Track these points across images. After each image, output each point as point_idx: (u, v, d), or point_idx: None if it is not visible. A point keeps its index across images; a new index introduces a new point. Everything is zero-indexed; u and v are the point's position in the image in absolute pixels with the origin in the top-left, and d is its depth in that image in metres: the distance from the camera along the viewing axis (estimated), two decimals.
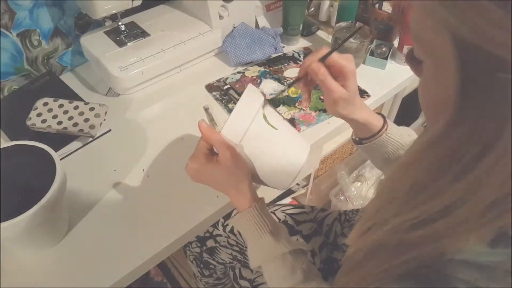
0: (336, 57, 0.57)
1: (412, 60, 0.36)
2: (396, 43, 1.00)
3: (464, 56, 0.28)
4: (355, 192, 1.46)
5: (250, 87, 0.60)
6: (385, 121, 0.63)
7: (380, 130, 0.62)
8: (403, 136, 0.63)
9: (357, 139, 0.67)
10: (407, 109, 1.54)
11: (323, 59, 0.57)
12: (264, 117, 0.58)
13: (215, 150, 0.57)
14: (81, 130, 0.75)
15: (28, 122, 0.76)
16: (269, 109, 0.60)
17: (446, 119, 0.30)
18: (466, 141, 0.29)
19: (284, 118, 0.62)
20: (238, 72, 0.96)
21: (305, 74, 0.60)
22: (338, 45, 0.60)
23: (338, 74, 0.58)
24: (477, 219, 0.30)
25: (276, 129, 0.59)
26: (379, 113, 0.64)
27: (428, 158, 0.33)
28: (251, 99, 0.58)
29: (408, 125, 1.79)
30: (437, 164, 0.32)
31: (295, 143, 0.62)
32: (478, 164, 0.28)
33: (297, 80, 0.61)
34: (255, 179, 0.61)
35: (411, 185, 0.34)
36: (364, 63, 0.98)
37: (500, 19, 0.25)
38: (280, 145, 0.60)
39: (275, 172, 0.61)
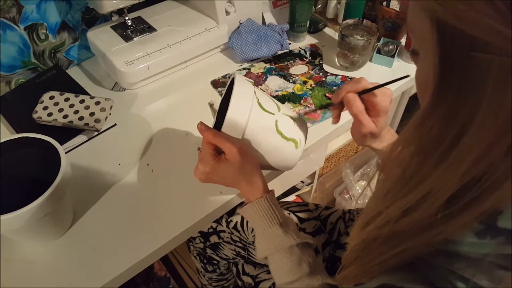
0: (373, 91, 0.57)
1: (412, 54, 0.38)
2: (403, 41, 1.00)
3: (442, 37, 0.30)
4: (359, 191, 1.45)
5: (238, 77, 0.60)
6: None
7: None
8: None
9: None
10: (414, 109, 1.53)
11: (360, 93, 0.57)
12: (259, 104, 0.58)
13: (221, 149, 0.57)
14: (87, 124, 0.75)
15: (34, 115, 0.76)
16: (260, 95, 0.60)
17: (428, 100, 0.32)
18: (445, 121, 0.31)
19: (273, 98, 0.64)
20: (244, 69, 0.96)
21: (339, 101, 0.60)
22: (379, 86, 0.57)
23: (371, 108, 0.58)
24: (455, 204, 0.31)
25: (273, 114, 0.59)
26: None
27: (414, 141, 0.34)
28: (244, 90, 0.58)
29: None
30: (423, 147, 0.33)
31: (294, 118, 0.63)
32: (456, 146, 0.30)
33: (329, 105, 0.61)
34: (264, 166, 0.62)
35: (401, 173, 0.35)
36: (371, 60, 0.97)
37: (475, 2, 0.27)
38: (280, 126, 0.60)
39: (283, 152, 0.61)
